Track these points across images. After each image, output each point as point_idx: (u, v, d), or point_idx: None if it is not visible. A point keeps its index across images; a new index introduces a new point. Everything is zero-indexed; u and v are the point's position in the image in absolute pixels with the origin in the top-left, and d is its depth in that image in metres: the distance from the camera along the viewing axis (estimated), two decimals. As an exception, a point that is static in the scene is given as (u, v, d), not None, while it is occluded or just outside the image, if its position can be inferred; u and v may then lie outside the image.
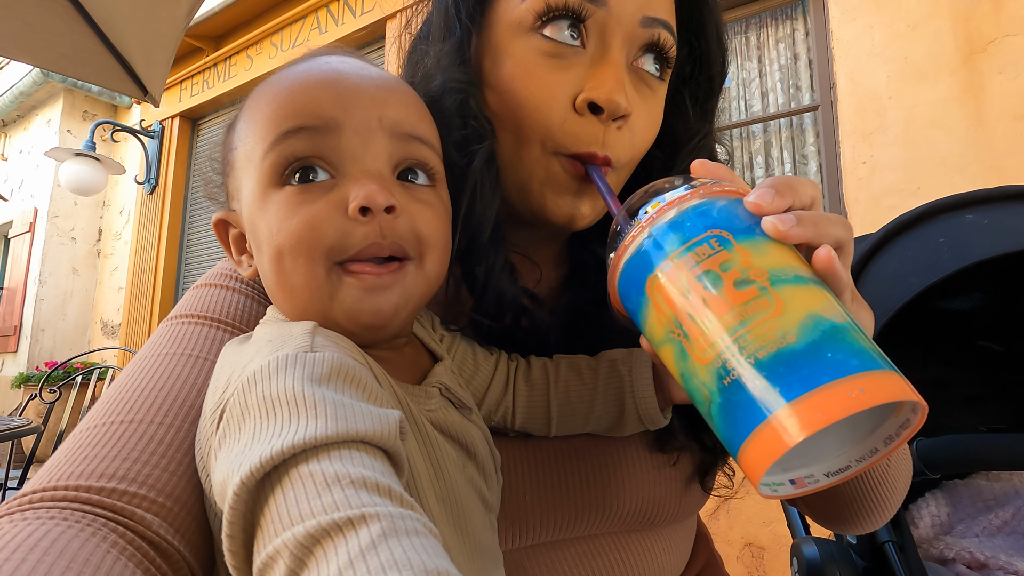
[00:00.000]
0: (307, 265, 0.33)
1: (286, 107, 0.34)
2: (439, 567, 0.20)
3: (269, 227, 0.34)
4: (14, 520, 0.28)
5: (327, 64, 0.37)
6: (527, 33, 0.43)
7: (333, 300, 0.34)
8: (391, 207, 0.34)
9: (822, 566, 0.73)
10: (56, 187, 5.08)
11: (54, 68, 1.80)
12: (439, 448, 0.36)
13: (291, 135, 0.34)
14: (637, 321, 0.34)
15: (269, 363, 0.28)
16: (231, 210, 0.40)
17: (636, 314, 0.34)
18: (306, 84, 0.35)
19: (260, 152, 0.35)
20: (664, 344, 0.31)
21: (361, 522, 0.21)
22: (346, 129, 0.34)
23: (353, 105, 0.35)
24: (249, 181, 0.36)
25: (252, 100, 0.38)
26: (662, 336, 0.31)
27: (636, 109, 0.45)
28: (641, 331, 0.34)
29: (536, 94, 0.43)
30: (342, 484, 0.23)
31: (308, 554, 0.21)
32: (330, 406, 0.26)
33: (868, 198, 2.11)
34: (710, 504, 2.27)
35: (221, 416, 0.29)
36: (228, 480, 0.24)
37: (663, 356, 0.32)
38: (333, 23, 3.79)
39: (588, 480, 0.47)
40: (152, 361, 0.39)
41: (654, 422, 0.46)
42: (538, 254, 0.52)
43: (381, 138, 0.35)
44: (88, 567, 0.26)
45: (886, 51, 2.13)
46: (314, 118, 0.34)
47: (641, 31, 0.44)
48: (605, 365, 0.47)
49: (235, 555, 0.24)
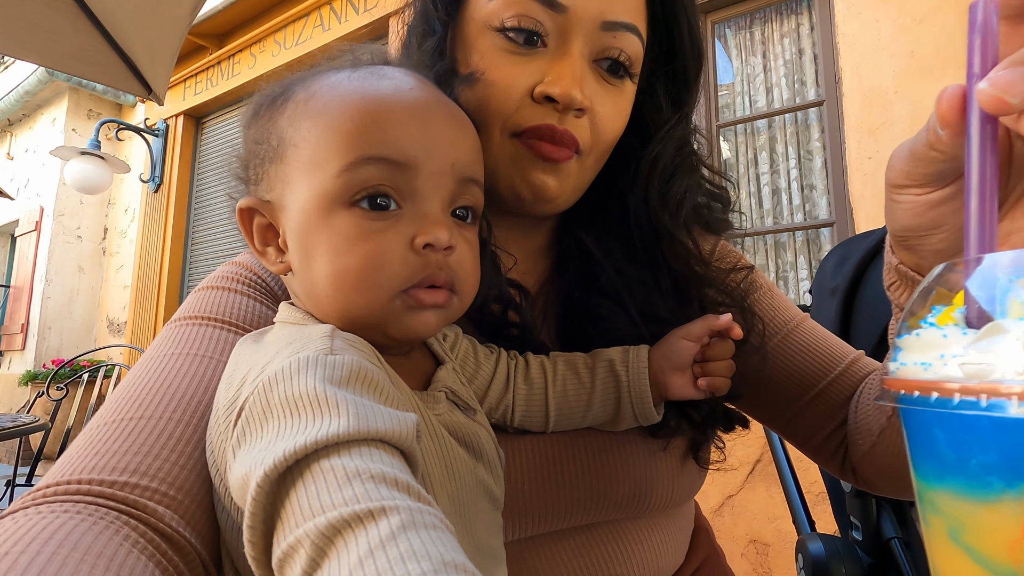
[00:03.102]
0: (372, 288, 0.35)
1: (372, 132, 0.35)
2: (456, 560, 0.21)
3: (334, 244, 0.35)
4: (28, 514, 0.28)
5: (408, 89, 0.38)
6: (493, 31, 0.46)
7: (387, 318, 0.36)
8: (451, 247, 0.36)
9: (827, 563, 0.73)
10: (62, 186, 5.10)
11: (59, 67, 1.81)
12: (451, 450, 0.37)
13: (372, 162, 0.35)
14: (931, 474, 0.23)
15: (291, 364, 0.29)
16: (263, 199, 0.39)
17: (947, 476, 0.23)
18: (394, 113, 0.36)
19: (335, 167, 0.35)
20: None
21: (381, 514, 0.22)
22: (423, 170, 0.36)
23: (434, 148, 0.36)
24: (308, 187, 0.36)
25: (327, 103, 0.37)
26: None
27: (598, 100, 0.47)
28: (915, 479, 0.25)
29: (497, 81, 0.45)
30: (363, 479, 0.24)
31: (329, 544, 0.22)
32: (351, 405, 0.27)
33: (874, 193, 2.10)
34: (715, 500, 2.27)
35: (239, 414, 0.29)
36: (251, 473, 0.25)
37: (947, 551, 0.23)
38: (336, 20, 3.79)
39: (583, 469, 0.48)
40: (160, 361, 0.40)
41: (648, 420, 0.48)
42: (523, 248, 0.54)
43: (449, 182, 0.37)
44: (102, 559, 0.26)
45: (892, 45, 2.12)
46: (399, 153, 0.35)
47: (602, 34, 0.46)
48: (603, 365, 0.48)
49: (255, 546, 0.25)
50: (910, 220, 0.34)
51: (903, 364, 0.24)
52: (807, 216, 2.43)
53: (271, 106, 0.39)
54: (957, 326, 0.23)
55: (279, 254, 0.39)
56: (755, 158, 2.57)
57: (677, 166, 0.53)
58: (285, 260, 0.39)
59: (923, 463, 0.24)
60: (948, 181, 0.31)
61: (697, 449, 0.53)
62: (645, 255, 0.53)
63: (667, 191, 0.52)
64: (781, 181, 2.50)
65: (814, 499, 1.71)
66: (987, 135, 0.26)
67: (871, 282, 0.85)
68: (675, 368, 0.47)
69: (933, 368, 0.22)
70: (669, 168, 0.52)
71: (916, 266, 0.37)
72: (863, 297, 0.86)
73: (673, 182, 0.52)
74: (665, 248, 0.53)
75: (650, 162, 0.52)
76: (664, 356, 0.47)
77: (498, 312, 0.49)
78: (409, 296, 0.36)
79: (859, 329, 0.85)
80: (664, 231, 0.52)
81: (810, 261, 2.41)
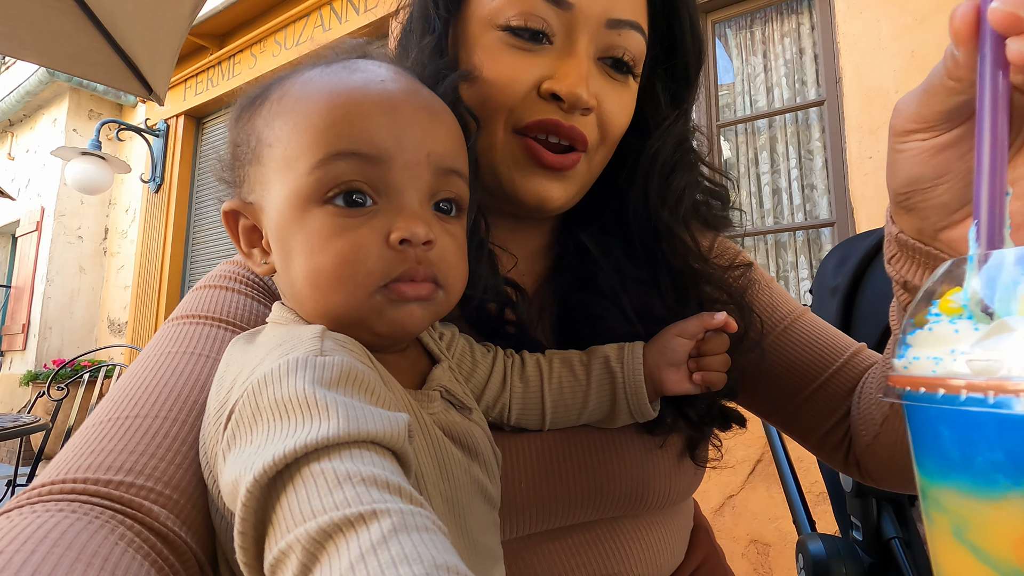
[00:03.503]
0: (349, 285, 0.34)
1: (340, 126, 0.34)
2: (448, 562, 0.21)
3: (309, 243, 0.34)
4: (23, 513, 0.28)
5: (379, 81, 0.37)
6: (497, 29, 0.46)
7: (368, 315, 0.35)
8: (429, 241, 0.35)
9: (828, 562, 0.73)
10: (62, 186, 5.11)
11: (60, 67, 1.81)
12: (445, 450, 0.36)
13: (342, 157, 0.34)
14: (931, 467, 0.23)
15: (280, 366, 0.29)
16: (245, 201, 0.39)
17: (950, 473, 0.22)
18: (363, 105, 0.35)
19: (306, 164, 0.34)
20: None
21: (372, 518, 0.22)
22: (396, 162, 0.35)
23: (406, 139, 0.35)
24: (283, 186, 0.35)
25: (297, 101, 0.36)
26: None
27: (604, 97, 0.47)
28: (919, 476, 0.25)
29: (502, 75, 0.45)
30: (353, 482, 0.23)
31: (320, 549, 0.22)
32: (341, 407, 0.26)
33: (874, 193, 2.10)
34: (715, 500, 2.27)
35: (229, 417, 0.29)
36: (240, 478, 0.25)
37: (951, 551, 0.23)
38: (336, 20, 3.79)
39: (580, 466, 0.48)
40: (156, 359, 0.39)
41: (644, 416, 0.48)
42: (523, 247, 0.54)
43: (425, 173, 0.36)
44: (97, 558, 0.26)
45: (893, 45, 2.11)
46: (368, 146, 0.34)
47: (607, 32, 0.46)
48: (598, 362, 0.48)
49: (246, 551, 0.25)
50: (914, 169, 0.33)
51: (916, 358, 0.24)
52: (807, 216, 2.42)
53: (250, 107, 0.39)
54: (969, 319, 0.23)
55: (264, 255, 0.39)
56: (756, 158, 2.56)
57: (676, 162, 0.53)
58: (269, 261, 0.38)
59: (928, 460, 0.24)
60: (957, 122, 0.31)
61: (694, 447, 0.52)
62: (644, 252, 0.53)
63: (666, 187, 0.52)
64: (782, 181, 2.50)
65: (814, 499, 1.71)
66: (999, 59, 0.26)
67: (872, 282, 0.85)
68: (670, 364, 0.47)
69: (944, 363, 0.22)
70: (668, 164, 0.52)
71: (918, 231, 0.36)
72: (864, 297, 0.86)
73: (672, 178, 0.52)
74: (664, 245, 0.53)
75: (649, 158, 0.52)
76: (659, 352, 0.47)
77: (494, 311, 0.49)
78: (390, 290, 0.35)
79: (860, 329, 0.85)
80: (663, 228, 0.52)
81: (811, 261, 2.40)
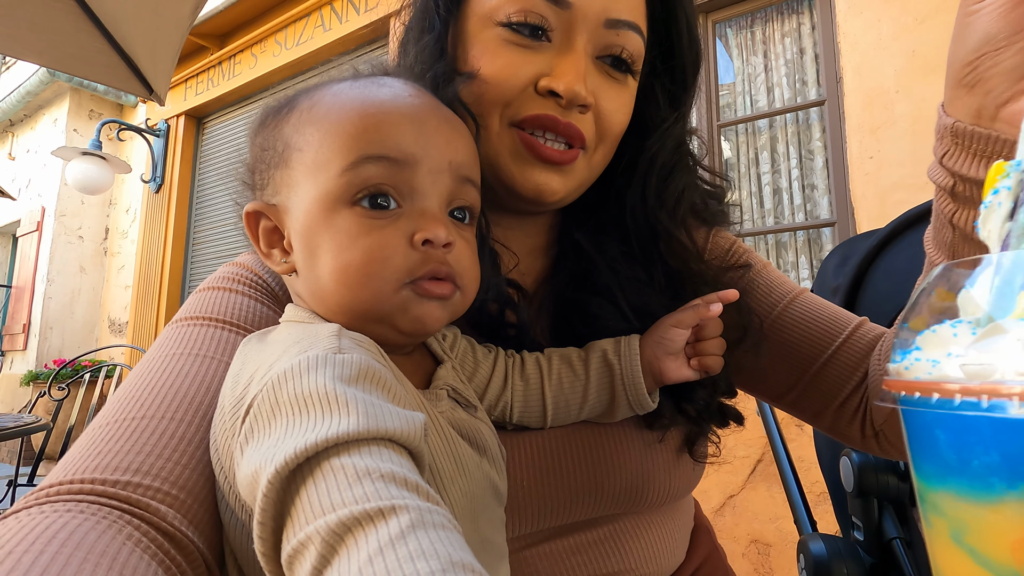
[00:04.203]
0: (376, 281, 0.36)
1: (371, 133, 0.37)
2: (464, 560, 0.21)
3: (337, 241, 0.36)
4: (32, 513, 0.28)
5: (406, 95, 0.40)
6: (496, 25, 0.46)
7: (393, 310, 0.37)
8: (449, 243, 0.37)
9: (829, 563, 0.73)
10: (63, 186, 5.11)
11: (60, 67, 1.81)
12: (459, 447, 0.37)
13: (372, 161, 0.36)
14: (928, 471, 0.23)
15: (299, 362, 0.29)
16: (269, 203, 0.40)
17: (947, 476, 0.22)
18: (392, 115, 0.38)
19: (337, 167, 0.36)
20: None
21: (391, 513, 0.22)
22: (421, 167, 0.37)
23: (431, 147, 0.38)
24: (312, 188, 0.37)
25: (330, 109, 0.38)
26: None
27: (602, 95, 0.47)
28: (917, 480, 0.24)
29: (500, 70, 0.46)
30: (372, 477, 0.24)
31: (339, 541, 0.22)
32: (360, 404, 0.27)
33: (875, 193, 2.10)
34: (716, 500, 2.27)
35: (247, 412, 0.30)
36: (261, 470, 0.25)
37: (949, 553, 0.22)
38: (337, 21, 3.79)
39: (582, 462, 0.48)
40: (161, 361, 0.40)
41: (644, 408, 0.48)
42: (523, 246, 0.54)
43: (447, 179, 0.39)
44: (105, 558, 0.26)
45: (894, 45, 2.11)
46: (396, 151, 0.37)
47: (605, 31, 0.46)
48: (596, 356, 0.48)
49: (265, 542, 0.25)
50: (991, 26, 0.34)
51: (917, 360, 0.24)
52: (808, 216, 2.42)
53: (276, 115, 0.41)
54: (968, 323, 0.23)
55: (284, 255, 0.40)
56: (756, 158, 2.56)
57: (675, 164, 0.53)
58: (289, 261, 0.40)
59: (925, 464, 0.24)
60: None
61: (692, 443, 0.53)
62: (641, 252, 0.53)
63: (665, 189, 0.53)
64: (782, 181, 2.50)
65: (815, 499, 1.71)
66: None
67: (873, 282, 0.85)
68: (668, 353, 0.48)
69: (940, 366, 0.22)
70: (667, 166, 0.53)
71: (976, 113, 0.36)
72: (865, 297, 0.86)
73: (671, 180, 0.53)
74: (662, 246, 0.53)
75: (648, 160, 0.52)
76: (657, 343, 0.48)
77: (495, 312, 0.49)
78: (416, 286, 0.36)
79: (860, 329, 0.85)
80: (662, 229, 0.53)
81: (811, 261, 2.40)
